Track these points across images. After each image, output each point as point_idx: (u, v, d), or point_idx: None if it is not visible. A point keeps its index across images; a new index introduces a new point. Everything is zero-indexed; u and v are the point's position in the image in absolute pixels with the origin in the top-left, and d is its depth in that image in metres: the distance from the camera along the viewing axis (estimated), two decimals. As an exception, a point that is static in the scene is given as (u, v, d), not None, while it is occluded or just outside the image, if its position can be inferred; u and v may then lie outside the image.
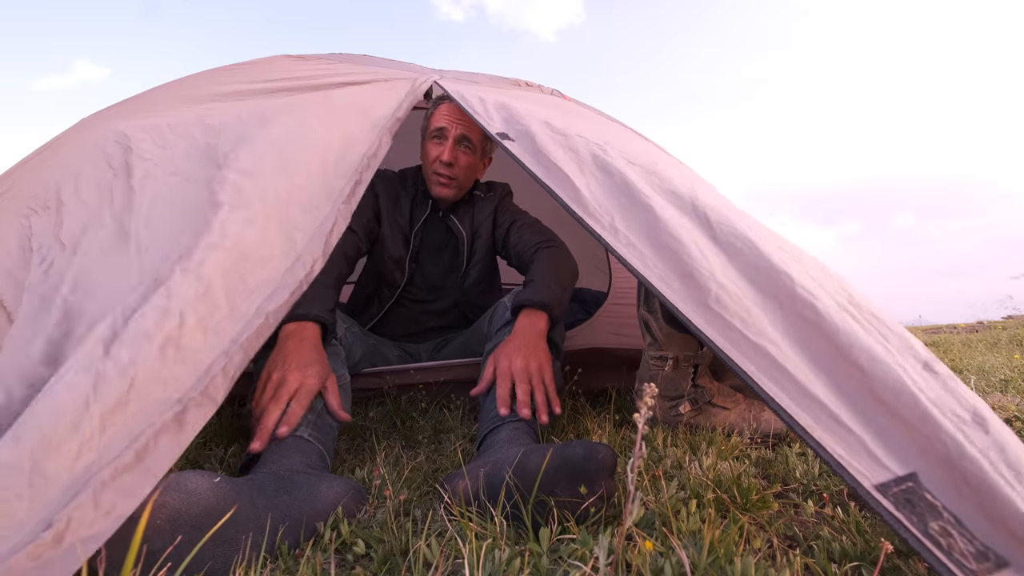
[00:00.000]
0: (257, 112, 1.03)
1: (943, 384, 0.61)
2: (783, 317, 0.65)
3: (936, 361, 0.64)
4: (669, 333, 1.18)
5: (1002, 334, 3.51)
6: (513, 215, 1.49)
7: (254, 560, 0.62)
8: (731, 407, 1.19)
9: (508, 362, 1.03)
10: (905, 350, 0.64)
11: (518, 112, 1.00)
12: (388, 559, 0.63)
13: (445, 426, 1.22)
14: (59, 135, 1.00)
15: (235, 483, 0.66)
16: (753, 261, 0.71)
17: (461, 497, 0.74)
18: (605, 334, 1.74)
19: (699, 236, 0.77)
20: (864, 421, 0.55)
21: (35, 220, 0.80)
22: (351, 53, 1.44)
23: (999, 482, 0.49)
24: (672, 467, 0.91)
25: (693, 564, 0.57)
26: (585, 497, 0.66)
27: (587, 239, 2.16)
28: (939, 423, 0.53)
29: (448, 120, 1.34)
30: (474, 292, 1.52)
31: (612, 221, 0.78)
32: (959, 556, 0.46)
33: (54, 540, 0.44)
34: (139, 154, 0.85)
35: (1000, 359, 2.33)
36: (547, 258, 1.31)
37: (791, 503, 0.80)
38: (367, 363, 1.39)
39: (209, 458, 1.00)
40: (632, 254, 0.73)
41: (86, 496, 0.47)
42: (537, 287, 1.18)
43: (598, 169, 0.88)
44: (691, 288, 0.68)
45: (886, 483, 0.50)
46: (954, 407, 0.57)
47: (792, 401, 0.57)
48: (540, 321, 1.11)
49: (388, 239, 1.44)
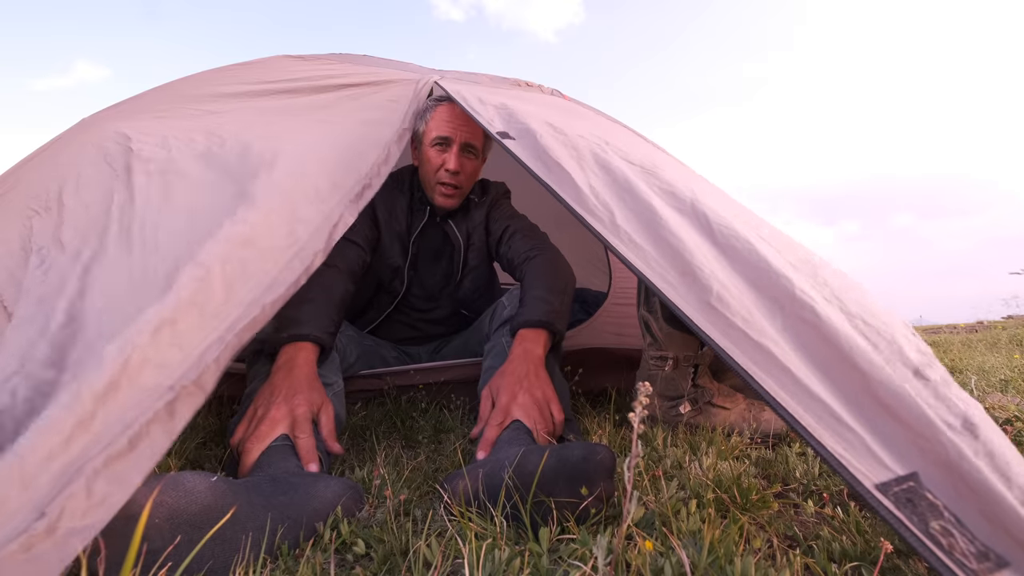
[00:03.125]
0: (262, 113, 1.03)
1: (934, 391, 0.60)
2: (783, 318, 0.65)
3: (929, 366, 0.64)
4: (669, 333, 1.18)
5: (1002, 334, 3.51)
6: (506, 221, 1.45)
7: (253, 560, 0.62)
8: (731, 407, 1.19)
9: (508, 398, 0.96)
10: (895, 358, 0.63)
11: (518, 112, 1.00)
12: (388, 559, 0.63)
13: (445, 426, 1.22)
14: (59, 136, 1.00)
15: (233, 484, 0.66)
16: (753, 263, 0.71)
17: (461, 497, 0.74)
18: (605, 334, 1.74)
19: (699, 237, 0.77)
20: (865, 422, 0.55)
21: (36, 221, 0.80)
22: (351, 53, 1.44)
23: (996, 486, 0.49)
24: (672, 467, 0.91)
25: (693, 564, 0.57)
26: (584, 498, 0.66)
27: (587, 239, 2.17)
28: (938, 427, 0.53)
29: (451, 128, 1.31)
30: (470, 301, 1.50)
31: (613, 219, 0.77)
32: (960, 556, 0.45)
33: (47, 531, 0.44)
34: (140, 155, 0.86)
35: (1000, 359, 2.33)
36: (537, 269, 1.26)
37: (791, 503, 0.80)
38: (364, 364, 1.39)
39: (209, 458, 1.00)
40: (633, 252, 0.73)
41: (79, 485, 0.46)
42: (532, 304, 1.13)
43: (599, 167, 0.88)
44: (693, 287, 0.67)
45: (887, 482, 0.50)
46: (944, 414, 0.57)
47: (794, 400, 0.57)
48: (537, 346, 1.06)
49: (387, 247, 1.41)
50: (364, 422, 1.24)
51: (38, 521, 0.44)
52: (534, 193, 1.89)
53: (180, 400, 0.56)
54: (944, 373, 0.64)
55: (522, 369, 1.01)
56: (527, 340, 1.07)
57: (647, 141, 1.42)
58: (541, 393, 0.98)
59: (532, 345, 1.06)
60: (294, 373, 0.95)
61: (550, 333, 1.11)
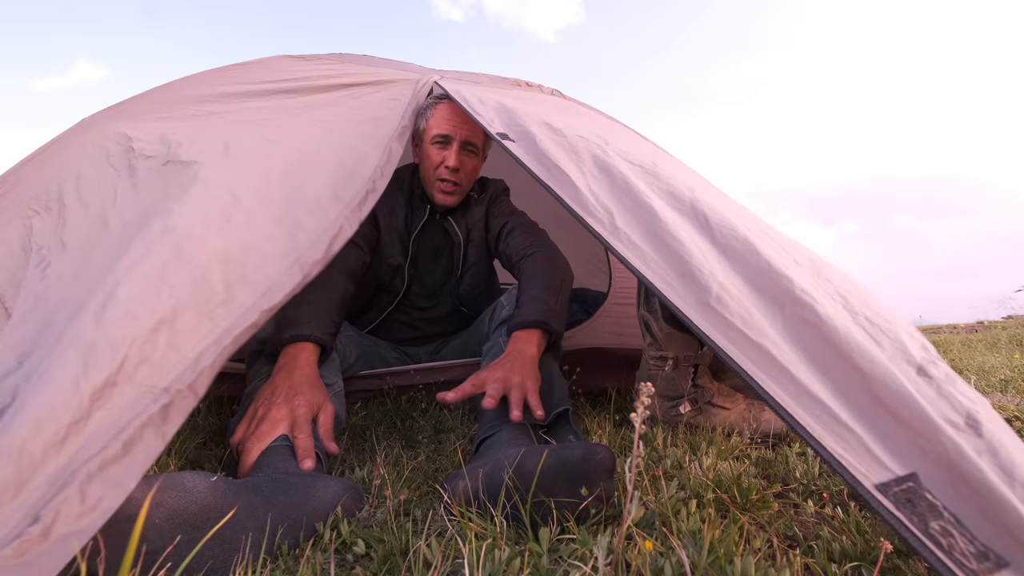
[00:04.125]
0: (262, 114, 1.03)
1: (937, 388, 0.60)
2: (783, 319, 0.65)
3: (932, 363, 0.64)
4: (669, 333, 1.18)
5: (1002, 334, 3.51)
6: (504, 217, 1.45)
7: (253, 560, 0.62)
8: (731, 407, 1.19)
9: (488, 372, 0.99)
10: (898, 355, 0.63)
11: (518, 113, 1.00)
12: (388, 559, 0.63)
13: (445, 426, 1.22)
14: (59, 136, 1.00)
15: (233, 484, 0.66)
16: (753, 263, 0.71)
17: (461, 497, 0.74)
18: (605, 334, 1.74)
19: (698, 237, 0.77)
20: (864, 422, 0.55)
21: (36, 221, 0.80)
22: (351, 53, 1.44)
23: (997, 485, 0.49)
24: (672, 467, 0.91)
25: (693, 564, 0.57)
26: (584, 498, 0.66)
27: (587, 239, 2.17)
28: (938, 426, 0.53)
29: (451, 126, 1.31)
30: (470, 298, 1.50)
31: (613, 220, 0.78)
32: (959, 556, 0.45)
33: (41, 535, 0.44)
34: (141, 154, 0.86)
35: (1000, 359, 2.33)
36: (535, 267, 1.26)
37: (791, 503, 0.80)
38: (364, 364, 1.39)
39: (209, 458, 1.00)
40: (633, 253, 0.73)
41: (73, 489, 0.46)
42: (528, 304, 1.14)
43: (598, 169, 0.88)
44: (692, 287, 0.68)
45: (887, 483, 0.50)
46: (947, 412, 0.57)
47: (793, 401, 0.57)
48: (530, 345, 1.06)
49: (387, 246, 1.41)
50: (364, 422, 1.24)
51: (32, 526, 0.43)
52: (533, 191, 1.89)
53: (175, 404, 0.56)
54: (948, 370, 0.64)
55: (511, 362, 1.02)
56: (520, 340, 1.07)
57: (647, 141, 1.42)
58: (520, 379, 0.98)
59: (525, 345, 1.06)
60: (295, 374, 0.95)
61: (545, 332, 1.11)
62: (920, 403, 0.55)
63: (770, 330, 0.63)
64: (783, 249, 0.78)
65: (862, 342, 0.61)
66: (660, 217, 0.77)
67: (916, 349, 0.66)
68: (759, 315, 0.65)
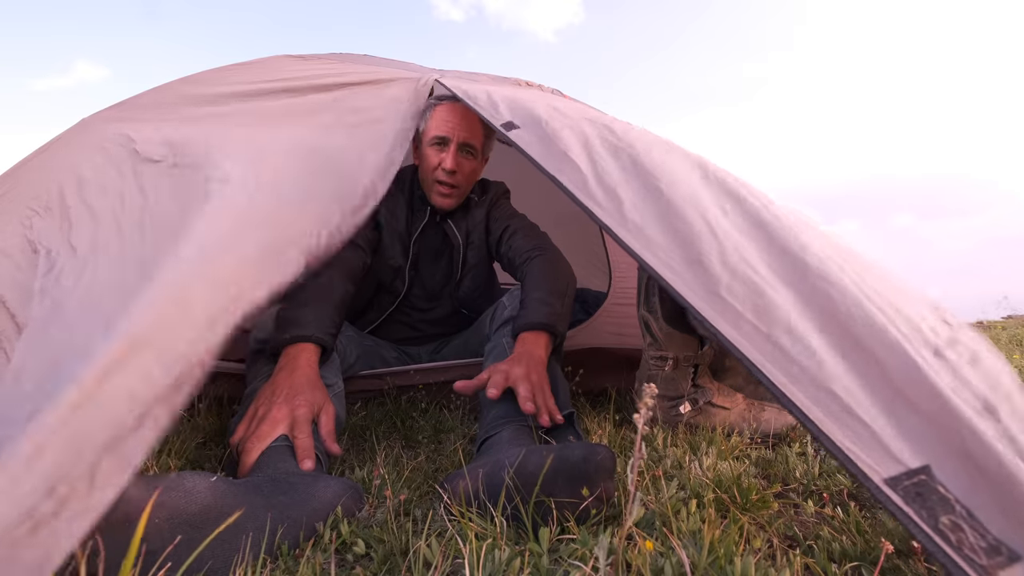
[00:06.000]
0: (262, 114, 1.03)
1: (953, 372, 0.59)
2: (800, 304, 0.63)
3: (951, 344, 0.62)
4: (669, 333, 1.18)
5: (1002, 334, 3.51)
6: (506, 220, 1.44)
7: (253, 560, 0.62)
8: (731, 407, 1.19)
9: (508, 366, 1.00)
10: (915, 336, 0.61)
11: (524, 100, 0.97)
12: (388, 559, 0.63)
13: (445, 426, 1.22)
14: (59, 136, 1.00)
15: (233, 484, 0.66)
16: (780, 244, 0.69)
17: (461, 497, 0.74)
18: (605, 334, 1.74)
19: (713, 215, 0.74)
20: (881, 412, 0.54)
21: (37, 221, 0.80)
22: (351, 53, 1.44)
23: (1014, 473, 0.48)
24: (672, 467, 0.91)
25: (693, 564, 0.57)
26: (584, 498, 0.66)
27: (587, 239, 2.17)
28: (958, 413, 0.52)
29: (449, 127, 1.31)
30: (470, 300, 1.50)
31: (619, 207, 0.75)
32: (969, 551, 0.45)
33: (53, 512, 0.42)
34: (143, 155, 0.85)
35: (1000, 359, 2.33)
36: (539, 270, 1.26)
37: (791, 503, 0.80)
38: (364, 364, 1.39)
39: (209, 458, 1.00)
40: (637, 240, 0.70)
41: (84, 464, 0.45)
42: (533, 307, 1.14)
43: (606, 152, 0.85)
44: (700, 276, 0.65)
45: (897, 476, 0.49)
46: (965, 396, 0.55)
47: (803, 395, 0.55)
48: (538, 348, 1.06)
49: (388, 248, 1.40)
50: (364, 422, 1.24)
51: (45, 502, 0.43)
52: (534, 193, 1.89)
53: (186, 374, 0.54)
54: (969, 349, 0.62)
55: (526, 364, 1.02)
56: (528, 342, 1.07)
57: (649, 132, 1.41)
58: (538, 377, 0.99)
59: (533, 347, 1.06)
60: (296, 374, 0.95)
61: (551, 335, 1.11)
62: (940, 389, 0.53)
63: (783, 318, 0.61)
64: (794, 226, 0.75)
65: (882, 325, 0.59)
66: (670, 201, 0.74)
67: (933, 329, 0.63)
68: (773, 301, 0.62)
